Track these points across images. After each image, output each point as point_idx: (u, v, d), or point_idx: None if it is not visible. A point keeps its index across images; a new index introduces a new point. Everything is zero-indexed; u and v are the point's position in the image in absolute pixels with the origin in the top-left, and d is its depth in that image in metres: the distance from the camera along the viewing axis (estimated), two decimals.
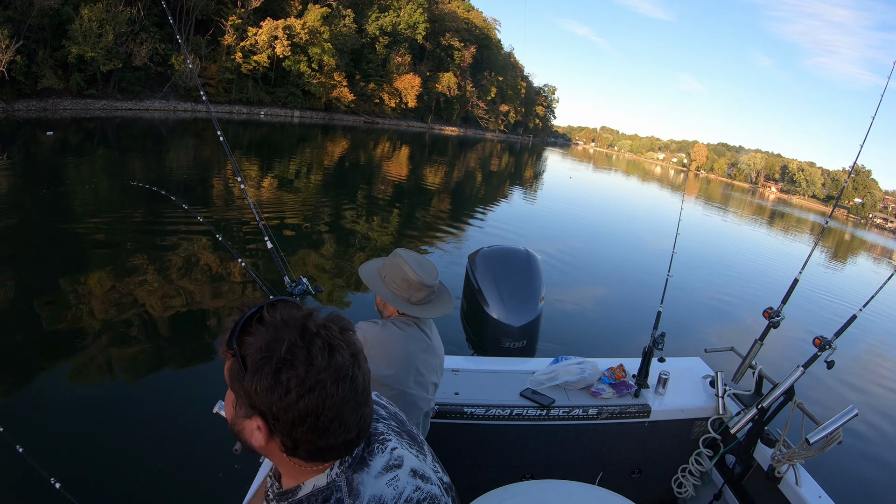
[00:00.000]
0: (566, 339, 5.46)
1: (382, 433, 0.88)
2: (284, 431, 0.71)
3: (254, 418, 0.72)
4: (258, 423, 0.72)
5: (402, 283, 1.63)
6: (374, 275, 1.70)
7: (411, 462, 0.88)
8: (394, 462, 0.84)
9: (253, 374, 0.68)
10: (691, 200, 32.47)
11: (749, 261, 14.06)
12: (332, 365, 0.70)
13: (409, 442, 0.93)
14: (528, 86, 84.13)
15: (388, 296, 1.64)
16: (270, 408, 0.69)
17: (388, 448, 0.86)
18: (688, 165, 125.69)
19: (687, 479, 2.34)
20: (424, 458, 0.93)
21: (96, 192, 9.45)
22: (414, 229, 10.04)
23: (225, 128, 19.64)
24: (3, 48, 19.53)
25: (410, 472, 0.86)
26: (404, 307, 1.63)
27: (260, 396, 0.69)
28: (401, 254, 1.67)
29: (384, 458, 0.84)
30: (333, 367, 0.70)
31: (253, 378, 0.68)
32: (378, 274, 1.69)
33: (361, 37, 42.88)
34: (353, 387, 0.73)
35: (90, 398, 3.44)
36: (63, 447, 2.89)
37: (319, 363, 0.69)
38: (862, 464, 4.26)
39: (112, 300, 4.80)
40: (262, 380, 0.68)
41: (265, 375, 0.68)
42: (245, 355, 0.69)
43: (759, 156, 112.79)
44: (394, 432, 0.91)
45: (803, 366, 2.03)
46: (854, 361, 7.13)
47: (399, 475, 0.83)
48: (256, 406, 0.70)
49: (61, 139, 16.28)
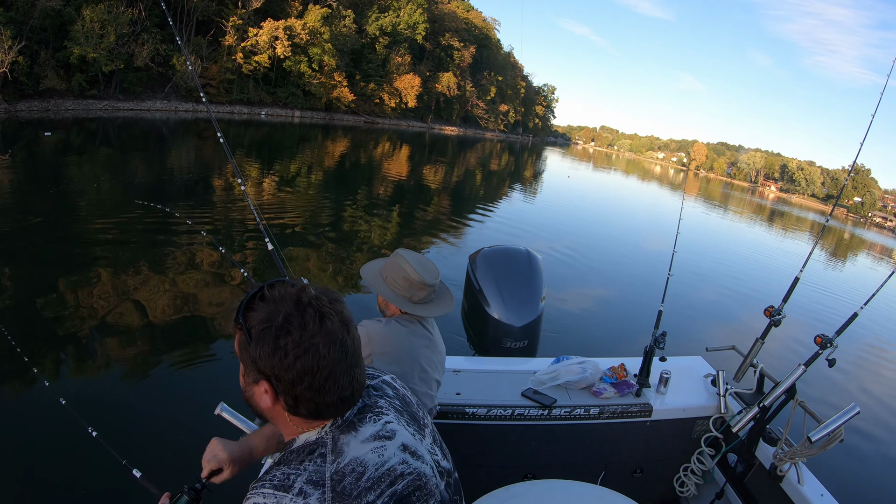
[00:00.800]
0: (567, 338, 5.46)
1: (381, 408, 0.94)
2: (286, 391, 0.81)
3: (261, 383, 0.82)
4: (265, 387, 0.82)
5: (403, 283, 1.64)
6: (375, 275, 1.72)
7: (404, 437, 0.93)
8: (384, 433, 0.90)
9: (256, 342, 0.79)
10: (691, 200, 32.46)
11: (750, 260, 14.07)
12: (323, 330, 0.79)
13: (409, 420, 0.98)
14: (528, 85, 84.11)
15: (389, 295, 1.66)
16: (273, 370, 0.79)
17: (382, 420, 0.92)
18: (687, 165, 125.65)
19: (689, 478, 2.34)
20: (422, 438, 0.98)
21: (99, 193, 9.46)
22: (414, 229, 10.04)
23: (226, 128, 19.64)
24: (5, 49, 19.63)
25: (401, 445, 0.90)
26: (406, 306, 1.65)
27: (264, 361, 0.79)
28: (402, 254, 1.69)
29: (375, 427, 0.89)
30: (324, 331, 0.79)
31: (257, 345, 0.79)
32: (380, 274, 1.71)
33: (361, 37, 42.96)
34: (344, 349, 0.81)
35: (90, 398, 3.44)
36: (62, 447, 2.89)
37: (312, 328, 0.78)
38: (864, 462, 4.25)
39: (112, 302, 4.80)
40: (264, 346, 0.78)
41: (266, 342, 0.78)
42: (250, 327, 0.80)
43: (758, 155, 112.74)
44: (394, 409, 0.96)
45: (805, 364, 2.03)
46: (855, 360, 7.13)
47: (387, 446, 0.88)
48: (262, 370, 0.80)
49: (63, 139, 16.35)
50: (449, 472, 1.01)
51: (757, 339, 2.35)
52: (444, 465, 1.00)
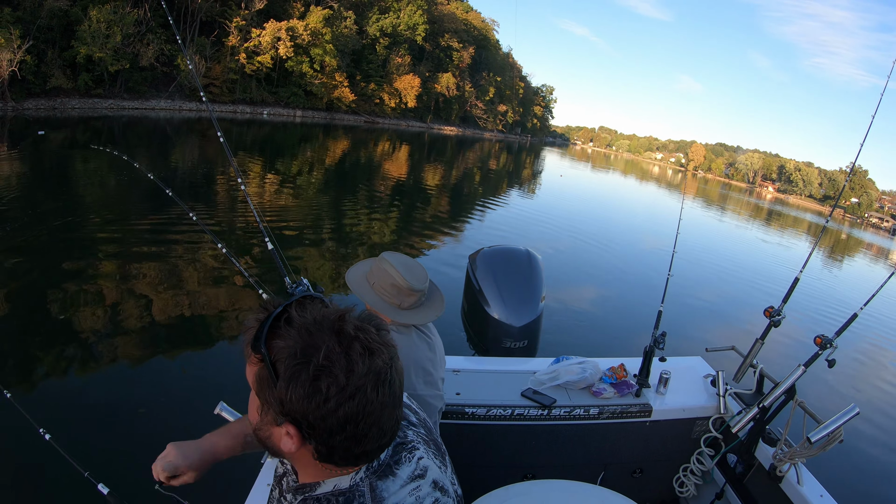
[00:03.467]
0: (567, 338, 5.46)
1: (412, 441, 0.86)
2: (320, 440, 0.68)
3: (284, 426, 0.68)
4: (289, 430, 0.68)
5: (391, 290, 1.56)
6: (362, 281, 1.63)
7: (434, 473, 0.86)
8: (419, 472, 0.82)
9: (288, 381, 0.65)
10: (689, 200, 32.51)
11: (749, 260, 14.09)
12: (373, 370, 0.67)
13: (435, 452, 0.91)
14: (527, 86, 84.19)
15: (378, 304, 1.58)
16: (306, 416, 0.66)
17: (416, 457, 0.83)
18: (685, 165, 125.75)
19: (688, 479, 2.34)
20: (445, 469, 0.92)
21: (103, 189, 9.45)
22: (414, 229, 10.04)
23: (229, 127, 19.84)
24: (14, 48, 19.88)
25: (432, 483, 0.84)
26: (396, 315, 1.57)
27: (295, 405, 0.65)
28: (387, 258, 1.60)
29: (410, 467, 0.81)
30: (374, 372, 0.67)
31: (288, 386, 0.65)
32: (366, 281, 1.62)
33: (362, 38, 43.22)
34: (392, 391, 0.70)
35: (90, 398, 3.43)
36: (62, 447, 2.88)
37: (360, 370, 0.65)
38: (863, 462, 4.26)
39: (111, 301, 4.79)
40: (297, 388, 0.64)
41: (302, 384, 0.64)
42: (276, 361, 0.65)
43: (756, 156, 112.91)
44: (422, 441, 0.89)
45: (804, 364, 2.03)
46: (855, 360, 7.14)
47: (422, 486, 0.82)
48: (289, 414, 0.67)
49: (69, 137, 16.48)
50: (462, 499, 0.97)
51: (757, 340, 2.35)
52: (459, 492, 0.96)
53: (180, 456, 1.05)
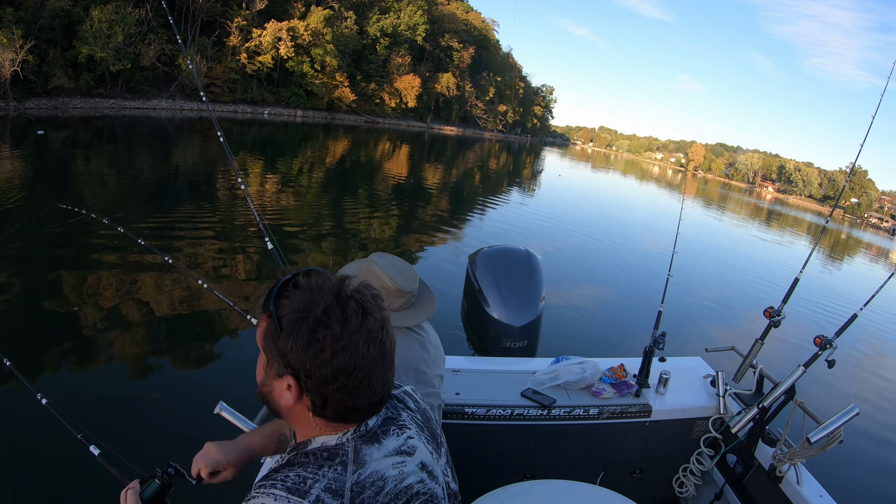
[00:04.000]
0: (567, 338, 5.46)
1: (404, 421, 0.90)
2: (315, 389, 0.75)
3: (285, 378, 0.76)
4: (289, 382, 0.76)
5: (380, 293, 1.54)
6: None
7: (423, 455, 0.88)
8: (406, 448, 0.86)
9: (289, 332, 0.72)
10: (689, 200, 32.52)
11: (749, 260, 14.09)
12: (365, 327, 0.74)
13: (428, 438, 0.94)
14: (527, 86, 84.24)
15: None
16: (304, 365, 0.73)
17: (405, 435, 0.87)
18: (685, 165, 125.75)
19: (688, 479, 2.34)
20: (438, 458, 0.94)
21: (105, 189, 9.44)
22: (414, 229, 10.05)
23: (230, 127, 19.96)
24: (16, 48, 20.00)
25: (420, 463, 0.86)
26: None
27: (295, 354, 0.73)
28: (375, 260, 1.58)
29: (397, 441, 0.85)
30: (366, 329, 0.74)
31: (289, 336, 0.72)
32: None
33: (362, 38, 43.33)
34: (382, 350, 0.77)
35: (90, 398, 3.43)
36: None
37: (353, 324, 0.73)
38: (863, 463, 4.26)
39: (112, 300, 4.79)
40: (298, 338, 0.72)
41: (302, 334, 0.72)
42: (281, 316, 0.73)
43: (756, 156, 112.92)
44: (416, 424, 0.92)
45: (804, 365, 2.03)
46: (855, 361, 7.14)
47: (407, 462, 0.84)
48: (290, 364, 0.74)
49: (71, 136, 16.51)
50: (456, 496, 0.98)
51: (756, 340, 2.35)
52: (453, 487, 0.97)
53: (221, 452, 1.08)
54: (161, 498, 1.05)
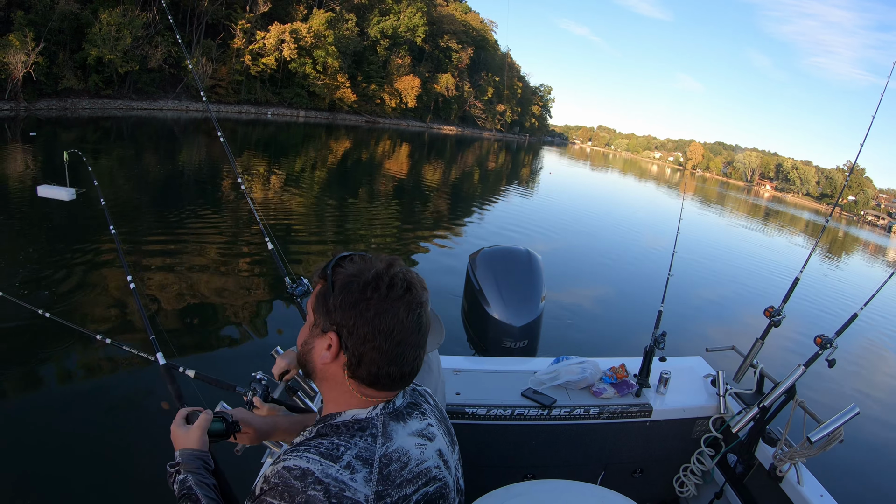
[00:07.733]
0: (567, 338, 5.46)
1: (426, 411, 0.95)
2: (354, 347, 0.81)
3: (328, 335, 0.83)
4: (330, 341, 0.82)
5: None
6: None
7: (441, 444, 0.93)
8: (427, 433, 0.91)
9: (340, 290, 0.81)
10: (689, 199, 32.54)
11: (749, 260, 14.08)
12: (407, 298, 0.82)
13: (445, 431, 0.99)
14: (525, 86, 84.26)
15: None
16: (349, 321, 0.80)
17: (427, 422, 0.93)
18: (684, 164, 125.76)
19: (689, 479, 2.34)
20: (452, 452, 0.99)
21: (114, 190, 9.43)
22: (415, 229, 10.04)
23: (234, 127, 20.09)
24: (28, 50, 20.33)
25: (437, 451, 0.91)
26: None
27: (342, 311, 0.81)
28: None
29: (420, 424, 0.90)
30: (407, 300, 0.82)
31: (340, 293, 0.81)
32: None
33: (363, 40, 43.74)
34: (419, 323, 0.84)
35: (89, 398, 3.43)
36: (61, 447, 2.88)
37: (398, 291, 0.81)
38: (863, 462, 4.26)
39: (111, 300, 4.79)
40: (347, 295, 0.80)
41: (352, 292, 0.80)
42: (335, 280, 0.82)
43: (754, 154, 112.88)
44: (435, 418, 0.97)
45: (804, 364, 2.03)
46: (855, 360, 7.13)
47: (428, 446, 0.89)
48: (335, 321, 0.82)
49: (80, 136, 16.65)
50: (463, 492, 1.01)
51: (757, 340, 2.35)
52: (461, 484, 1.00)
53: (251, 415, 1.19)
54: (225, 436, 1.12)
